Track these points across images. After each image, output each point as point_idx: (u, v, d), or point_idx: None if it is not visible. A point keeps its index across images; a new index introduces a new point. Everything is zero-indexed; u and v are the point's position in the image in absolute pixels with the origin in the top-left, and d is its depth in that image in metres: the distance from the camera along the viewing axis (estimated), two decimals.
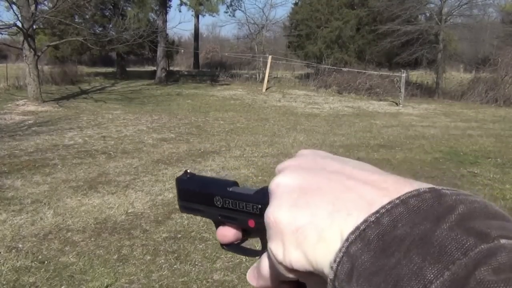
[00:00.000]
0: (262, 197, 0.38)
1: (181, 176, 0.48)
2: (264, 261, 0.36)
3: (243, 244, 0.44)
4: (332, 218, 0.28)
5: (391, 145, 8.05)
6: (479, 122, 11.70)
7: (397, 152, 7.37)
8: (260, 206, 0.39)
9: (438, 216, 0.25)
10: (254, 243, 0.43)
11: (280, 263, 0.30)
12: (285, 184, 0.32)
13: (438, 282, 0.22)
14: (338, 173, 0.31)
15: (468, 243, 0.23)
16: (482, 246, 0.23)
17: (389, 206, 0.26)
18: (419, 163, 6.67)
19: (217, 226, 0.44)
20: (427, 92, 18.99)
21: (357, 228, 0.26)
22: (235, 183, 0.44)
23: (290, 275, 0.30)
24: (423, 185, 0.27)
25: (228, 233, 0.43)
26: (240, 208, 0.41)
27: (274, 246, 0.30)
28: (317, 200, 0.29)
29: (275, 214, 0.30)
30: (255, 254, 0.41)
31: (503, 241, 0.23)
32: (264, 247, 0.36)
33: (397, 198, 0.26)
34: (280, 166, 0.35)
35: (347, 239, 0.26)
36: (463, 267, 0.22)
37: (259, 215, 0.38)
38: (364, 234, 0.26)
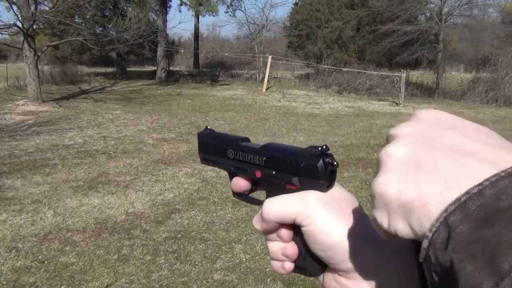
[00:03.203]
0: (267, 151, 0.46)
1: (202, 131, 0.55)
2: (266, 208, 0.43)
3: (252, 195, 0.52)
4: (442, 196, 0.27)
5: None
6: (479, 122, 11.45)
7: None
8: (264, 158, 0.46)
9: None
10: (260, 194, 0.50)
11: (385, 231, 0.30)
12: (397, 155, 0.31)
13: None
14: (456, 149, 0.30)
15: None
16: None
17: (493, 179, 0.26)
18: None
19: (231, 177, 0.51)
20: (427, 92, 18.99)
21: (458, 199, 0.26)
22: (247, 139, 0.51)
23: (389, 238, 0.31)
24: None
25: (241, 182, 0.49)
26: (248, 160, 0.48)
27: (380, 215, 0.31)
28: (429, 177, 0.28)
29: (382, 186, 0.30)
30: (260, 203, 0.47)
31: None
32: (268, 197, 0.45)
33: (502, 171, 0.26)
34: (394, 131, 0.33)
35: (445, 210, 0.26)
36: None
37: (264, 167, 0.46)
38: (465, 206, 0.26)
